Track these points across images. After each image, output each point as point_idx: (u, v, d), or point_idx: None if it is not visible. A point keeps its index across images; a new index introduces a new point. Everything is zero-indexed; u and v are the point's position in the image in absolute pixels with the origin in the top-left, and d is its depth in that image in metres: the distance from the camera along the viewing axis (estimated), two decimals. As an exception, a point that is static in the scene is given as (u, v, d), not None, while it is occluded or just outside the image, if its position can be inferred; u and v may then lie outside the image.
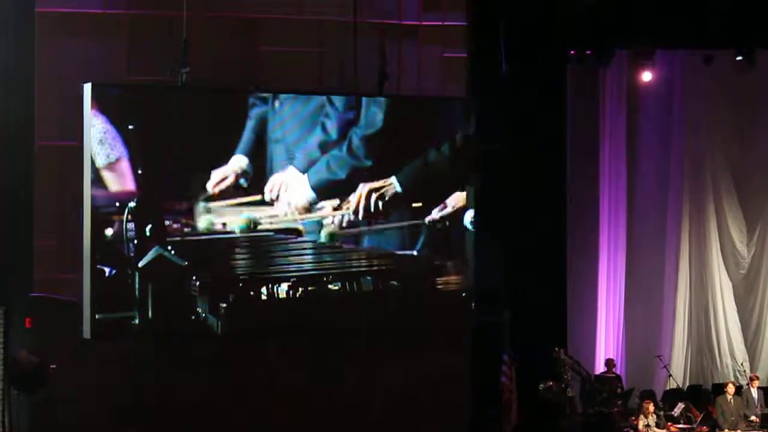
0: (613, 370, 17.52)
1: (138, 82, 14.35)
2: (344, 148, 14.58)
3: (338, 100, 14.51)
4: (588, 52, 17.17)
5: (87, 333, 13.42)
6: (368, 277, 14.62)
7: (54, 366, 13.57)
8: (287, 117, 14.33)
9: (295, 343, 14.86)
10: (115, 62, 14.49)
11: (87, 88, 13.34)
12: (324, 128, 14.48)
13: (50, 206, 14.19)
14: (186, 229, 13.75)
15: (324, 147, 14.45)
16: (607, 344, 18.14)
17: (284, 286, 14.21)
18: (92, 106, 13.26)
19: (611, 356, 17.90)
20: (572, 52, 17.08)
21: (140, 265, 13.47)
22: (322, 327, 14.46)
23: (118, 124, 13.38)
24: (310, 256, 14.42)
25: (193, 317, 13.79)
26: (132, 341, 14.01)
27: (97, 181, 13.31)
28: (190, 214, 13.78)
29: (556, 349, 16.58)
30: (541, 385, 16.14)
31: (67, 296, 13.97)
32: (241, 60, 15.02)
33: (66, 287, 14.02)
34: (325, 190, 14.47)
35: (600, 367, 17.84)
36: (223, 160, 13.98)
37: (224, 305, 13.90)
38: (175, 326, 13.83)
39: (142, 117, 13.59)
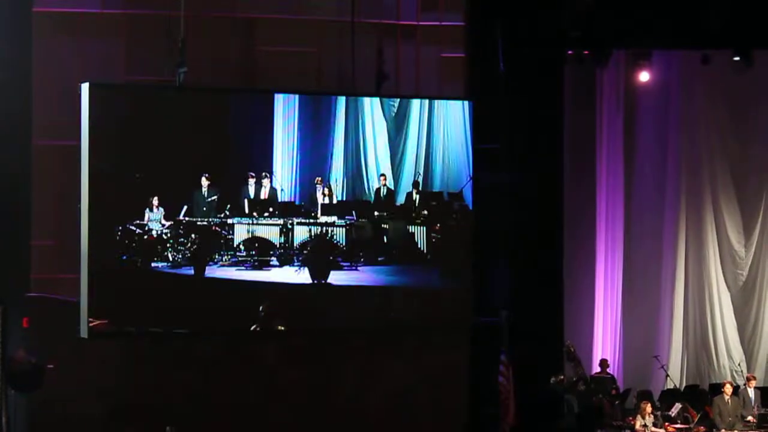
0: (607, 370, 17.50)
1: (136, 82, 14.34)
2: None
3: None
4: (585, 52, 17.16)
5: (84, 332, 13.40)
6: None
7: (51, 365, 13.57)
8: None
9: (294, 342, 14.87)
10: (113, 62, 14.47)
11: (85, 87, 13.35)
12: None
13: (48, 206, 14.18)
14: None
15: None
16: (604, 344, 18.15)
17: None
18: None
19: (609, 356, 17.89)
20: (570, 52, 17.07)
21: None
22: (325, 322, 14.52)
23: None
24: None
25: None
26: (130, 341, 14.00)
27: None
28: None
29: (568, 342, 16.68)
30: (553, 379, 16.24)
31: (64, 296, 13.95)
32: (238, 60, 15.01)
33: (63, 287, 13.99)
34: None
35: (595, 368, 17.83)
36: (219, 162, 14.01)
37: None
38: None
39: (139, 117, 13.59)
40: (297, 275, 14.41)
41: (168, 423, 14.13)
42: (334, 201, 14.60)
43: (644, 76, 17.88)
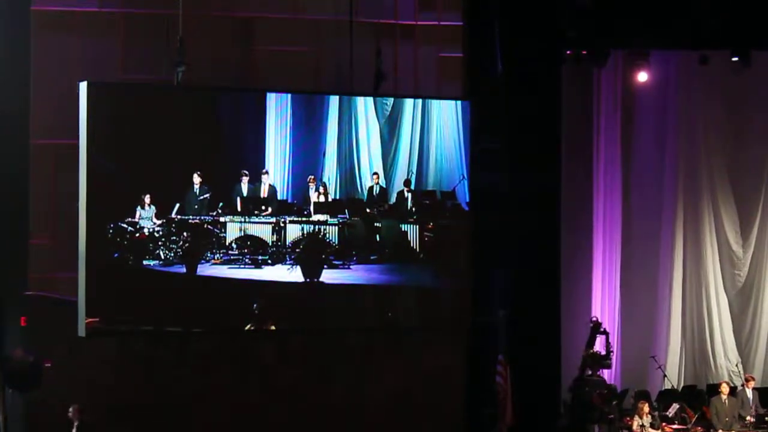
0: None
1: (134, 81, 14.35)
2: None
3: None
4: (583, 52, 17.15)
5: (82, 331, 13.40)
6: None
7: (49, 364, 13.57)
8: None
9: (292, 341, 14.87)
10: (111, 61, 14.49)
11: (83, 86, 13.36)
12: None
13: (45, 205, 14.20)
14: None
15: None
16: (602, 344, 18.11)
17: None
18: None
19: (606, 356, 17.89)
20: (568, 52, 17.06)
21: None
22: (319, 319, 14.50)
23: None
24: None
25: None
26: (127, 340, 14.01)
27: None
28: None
29: (594, 317, 16.73)
30: (584, 352, 16.27)
31: (62, 295, 13.96)
32: (237, 59, 15.02)
33: (61, 286, 14.00)
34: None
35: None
36: (213, 160, 14.03)
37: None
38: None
39: (137, 116, 13.60)
40: (289, 274, 14.36)
41: (167, 423, 14.16)
42: (329, 199, 14.57)
43: (642, 76, 17.87)
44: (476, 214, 15.32)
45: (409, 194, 14.96)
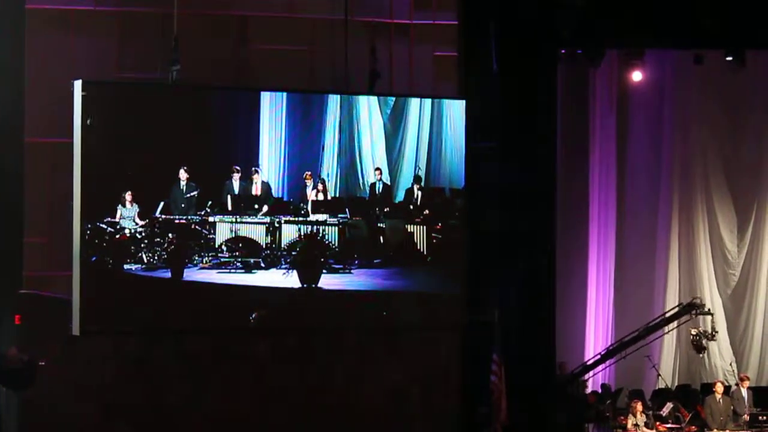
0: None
1: (128, 80, 14.32)
2: None
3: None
4: (578, 51, 17.17)
5: (76, 330, 13.37)
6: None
7: (43, 363, 13.56)
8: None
9: (287, 341, 14.84)
10: (106, 59, 14.45)
11: (77, 85, 13.33)
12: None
13: (40, 203, 14.15)
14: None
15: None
16: (596, 343, 18.17)
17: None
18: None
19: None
20: (563, 51, 17.08)
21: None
22: (315, 325, 14.40)
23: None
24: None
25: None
26: (122, 338, 13.99)
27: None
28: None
29: (698, 298, 16.79)
30: (693, 331, 16.70)
31: (56, 293, 13.93)
32: (232, 58, 14.99)
33: (55, 284, 13.97)
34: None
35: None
36: (206, 157, 13.92)
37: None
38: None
39: (132, 115, 13.54)
40: (285, 279, 13.94)
41: (163, 422, 14.14)
42: (328, 197, 14.19)
43: (637, 76, 17.91)
44: (471, 213, 15.31)
45: (419, 192, 14.61)
